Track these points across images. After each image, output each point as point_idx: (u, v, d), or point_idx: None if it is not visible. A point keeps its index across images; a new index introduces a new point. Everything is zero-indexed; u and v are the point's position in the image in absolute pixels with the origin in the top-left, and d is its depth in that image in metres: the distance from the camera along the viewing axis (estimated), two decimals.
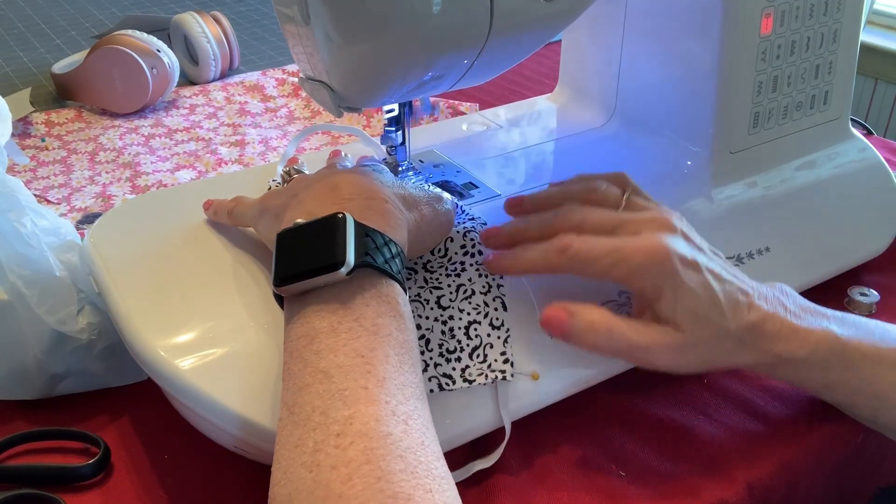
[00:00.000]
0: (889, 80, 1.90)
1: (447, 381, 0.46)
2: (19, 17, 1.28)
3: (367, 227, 0.40)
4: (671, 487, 0.47)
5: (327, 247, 0.39)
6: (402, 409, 0.35)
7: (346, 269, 0.38)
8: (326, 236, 0.39)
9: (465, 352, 0.47)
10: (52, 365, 0.51)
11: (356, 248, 0.39)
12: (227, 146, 0.88)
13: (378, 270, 0.40)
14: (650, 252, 0.45)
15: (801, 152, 0.64)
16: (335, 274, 0.38)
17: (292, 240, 0.40)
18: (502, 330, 0.48)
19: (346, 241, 0.39)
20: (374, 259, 0.39)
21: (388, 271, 0.40)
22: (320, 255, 0.39)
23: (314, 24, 0.44)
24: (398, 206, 0.44)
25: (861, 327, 0.48)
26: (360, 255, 0.39)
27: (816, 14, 0.60)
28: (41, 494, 0.46)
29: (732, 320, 0.45)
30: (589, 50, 0.67)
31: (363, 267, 0.39)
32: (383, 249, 0.40)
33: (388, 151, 0.59)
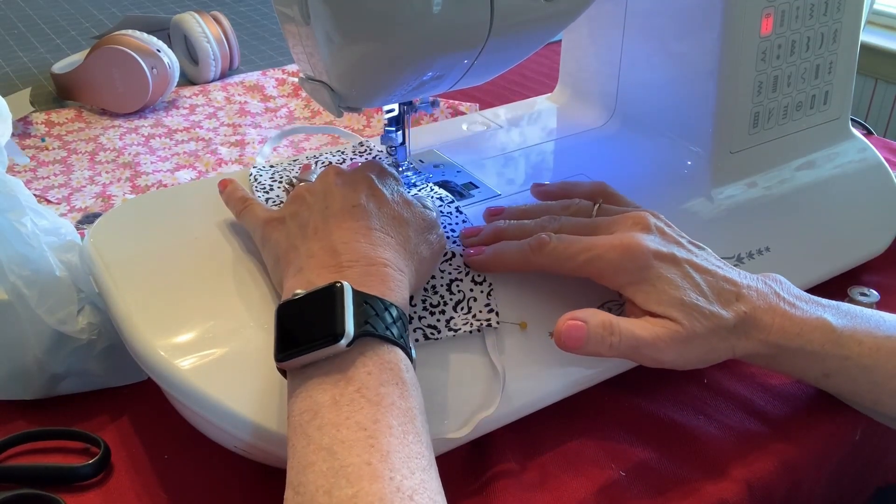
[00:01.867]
0: (889, 80, 1.90)
1: (432, 331, 0.47)
2: (19, 17, 1.28)
3: (365, 294, 0.40)
4: (671, 487, 0.47)
5: (326, 318, 0.38)
6: (406, 484, 0.34)
7: (346, 340, 0.38)
8: (325, 307, 0.39)
9: (449, 305, 0.48)
10: (52, 365, 0.51)
11: (355, 317, 0.38)
12: (227, 146, 0.88)
13: (379, 338, 0.39)
14: (623, 248, 0.46)
15: (801, 152, 0.64)
16: (336, 346, 0.38)
17: (292, 313, 0.40)
18: (485, 284, 0.49)
19: (344, 311, 0.38)
20: (375, 327, 0.39)
21: (390, 337, 0.39)
22: (320, 327, 0.38)
23: (314, 24, 0.44)
24: (398, 265, 0.43)
25: (857, 316, 0.49)
26: (360, 325, 0.38)
27: (816, 14, 0.60)
28: (41, 494, 0.46)
29: (724, 310, 0.46)
30: (589, 50, 0.67)
31: (364, 336, 0.39)
32: (384, 315, 0.40)
33: (388, 151, 0.59)
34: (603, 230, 0.49)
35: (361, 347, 0.39)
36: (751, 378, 0.55)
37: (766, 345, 0.47)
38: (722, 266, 0.49)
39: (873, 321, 0.48)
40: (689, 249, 0.49)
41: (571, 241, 0.47)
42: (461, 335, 0.47)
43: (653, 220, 0.49)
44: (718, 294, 0.47)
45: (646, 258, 0.46)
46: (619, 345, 0.44)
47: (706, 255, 0.49)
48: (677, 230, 0.50)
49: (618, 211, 0.51)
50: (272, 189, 0.57)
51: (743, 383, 0.55)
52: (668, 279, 0.46)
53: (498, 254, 0.49)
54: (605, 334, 0.44)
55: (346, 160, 0.62)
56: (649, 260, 0.46)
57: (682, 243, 0.49)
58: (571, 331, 0.44)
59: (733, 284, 0.47)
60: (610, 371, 0.51)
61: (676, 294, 0.45)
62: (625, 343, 0.44)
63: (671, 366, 0.46)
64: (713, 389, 0.54)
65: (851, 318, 0.48)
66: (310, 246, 0.44)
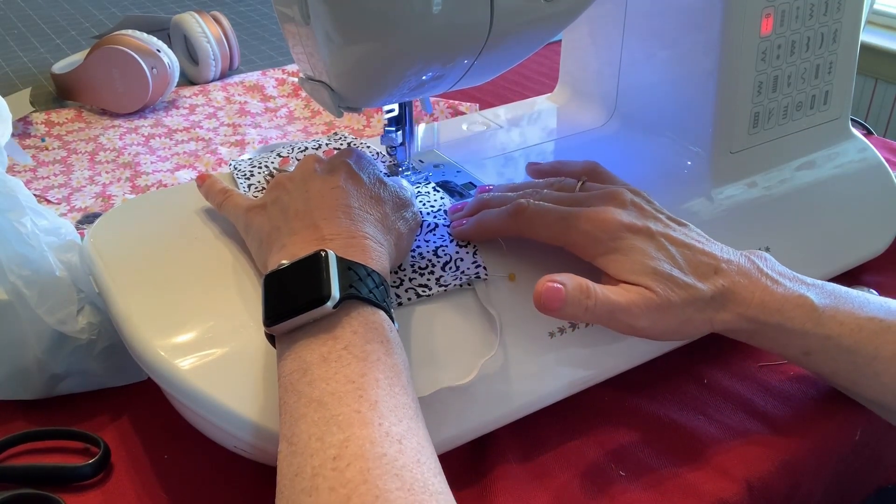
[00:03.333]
0: (889, 80, 1.90)
1: (423, 289, 0.48)
2: (19, 17, 1.28)
3: (349, 261, 0.41)
4: (671, 487, 0.47)
5: (313, 283, 0.40)
6: (395, 430, 0.36)
7: (333, 302, 0.39)
8: (311, 273, 0.40)
9: (437, 266, 0.50)
10: (52, 365, 0.51)
11: (340, 281, 0.40)
12: (227, 146, 0.88)
13: (363, 300, 0.41)
14: (595, 220, 0.48)
15: (801, 152, 0.64)
16: (322, 308, 0.39)
17: (279, 281, 0.41)
18: (469, 246, 0.51)
19: (330, 275, 0.40)
20: (359, 290, 0.40)
21: (373, 300, 0.41)
22: (307, 291, 0.40)
23: (314, 24, 0.44)
24: (378, 238, 0.45)
25: (840, 297, 0.49)
26: (345, 288, 0.40)
27: (816, 14, 0.60)
28: (41, 494, 0.46)
29: (701, 282, 0.47)
30: (589, 50, 0.67)
31: (349, 299, 0.40)
32: (366, 280, 0.41)
33: (388, 151, 0.59)
34: (581, 204, 0.50)
35: (347, 309, 0.40)
36: (751, 378, 0.55)
37: (744, 319, 0.47)
38: (703, 241, 0.49)
39: (857, 302, 0.49)
40: (667, 224, 0.50)
41: (548, 208, 0.49)
42: (452, 290, 0.49)
43: (630, 195, 0.50)
44: (695, 267, 0.47)
45: (617, 229, 0.47)
46: (595, 308, 0.45)
47: (687, 230, 0.50)
48: (658, 207, 0.51)
49: (601, 188, 0.53)
50: (253, 175, 0.58)
51: (743, 383, 0.55)
52: (641, 249, 0.47)
53: (479, 221, 0.51)
54: (582, 297, 0.44)
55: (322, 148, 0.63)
56: (621, 231, 0.47)
57: (659, 218, 0.50)
58: (551, 293, 0.44)
59: (712, 258, 0.48)
60: (610, 371, 0.51)
61: (649, 263, 0.47)
62: (600, 307, 0.45)
63: (648, 334, 0.47)
64: (713, 389, 0.54)
65: (835, 298, 0.49)
66: (292, 225, 0.45)
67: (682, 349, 0.55)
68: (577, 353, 0.50)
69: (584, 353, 0.50)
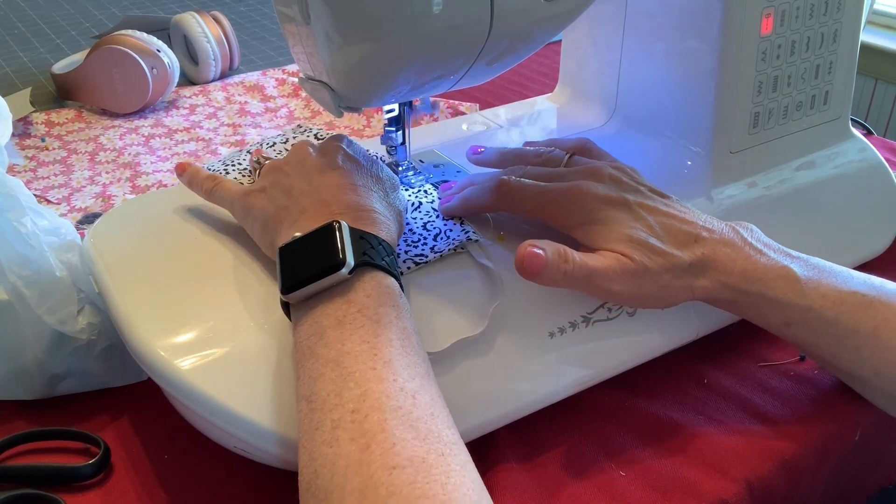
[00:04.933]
0: (889, 80, 1.90)
1: (420, 257, 0.50)
2: (19, 17, 1.28)
3: (361, 230, 0.43)
4: (671, 487, 0.47)
5: (328, 251, 0.41)
6: (409, 386, 0.38)
7: (348, 268, 0.41)
8: (326, 242, 0.42)
9: (428, 238, 0.52)
10: (52, 365, 0.51)
11: (354, 249, 0.42)
12: (227, 146, 0.88)
13: (376, 267, 0.42)
14: (571, 193, 0.49)
15: (801, 152, 0.64)
16: (338, 274, 0.41)
17: (294, 251, 0.43)
18: (455, 219, 0.54)
19: (344, 243, 0.41)
20: (372, 257, 0.42)
21: (385, 267, 0.43)
22: (322, 259, 0.41)
23: (314, 24, 0.44)
24: (384, 213, 0.46)
25: (824, 270, 0.49)
26: (359, 255, 0.42)
27: (816, 14, 0.60)
28: (41, 494, 0.46)
29: (678, 250, 0.48)
30: (589, 50, 0.67)
31: (362, 265, 0.42)
32: (378, 249, 0.43)
33: (388, 151, 0.59)
34: (562, 180, 0.51)
35: (360, 275, 0.42)
36: (751, 378, 0.55)
37: (726, 287, 0.48)
38: (685, 212, 0.50)
39: (840, 277, 0.49)
40: (647, 195, 0.51)
41: (528, 184, 0.51)
42: (447, 256, 0.51)
43: (610, 170, 0.51)
44: (674, 235, 0.48)
45: (593, 201, 0.49)
46: (573, 273, 0.46)
47: (669, 202, 0.51)
48: (640, 179, 0.52)
49: (587, 163, 0.54)
50: (228, 173, 0.59)
51: (743, 383, 0.55)
52: (617, 219, 0.48)
53: (465, 198, 0.53)
54: (560, 262, 0.46)
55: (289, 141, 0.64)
56: (596, 203, 0.49)
57: (639, 190, 0.51)
58: (531, 258, 0.45)
59: (692, 227, 0.49)
60: (610, 371, 0.51)
61: (625, 231, 0.48)
62: (578, 271, 0.46)
63: (627, 300, 0.48)
64: (713, 389, 0.54)
65: (819, 271, 0.49)
66: (300, 203, 0.46)
67: (682, 349, 0.55)
68: (577, 353, 0.50)
69: (584, 353, 0.50)
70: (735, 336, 0.58)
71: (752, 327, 0.58)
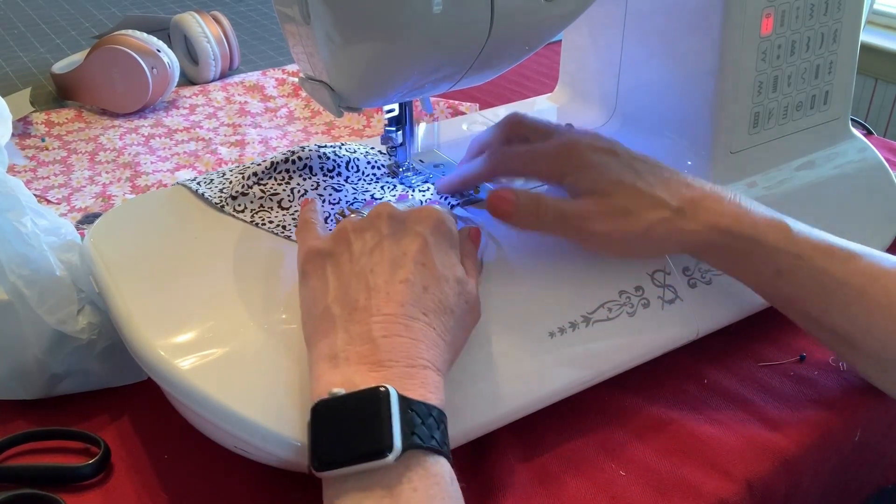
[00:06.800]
0: (889, 80, 1.90)
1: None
2: (19, 17, 1.28)
3: (410, 400, 0.38)
4: (671, 487, 0.47)
5: (372, 430, 0.36)
6: None
7: (394, 455, 0.36)
8: (370, 416, 0.37)
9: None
10: (52, 365, 0.51)
11: (402, 428, 0.36)
12: (227, 146, 0.88)
13: (425, 449, 0.37)
14: (560, 145, 0.51)
15: (801, 152, 0.64)
16: (382, 461, 0.36)
17: (331, 416, 0.38)
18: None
19: (391, 422, 0.36)
20: (421, 437, 0.37)
21: (435, 448, 0.38)
22: (365, 437, 0.36)
23: (314, 24, 0.44)
24: (437, 364, 0.41)
25: (815, 229, 0.51)
26: (407, 437, 0.36)
27: (816, 14, 0.60)
28: (41, 494, 0.46)
29: (667, 194, 0.49)
30: (589, 50, 0.67)
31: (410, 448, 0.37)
32: (428, 421, 0.38)
33: (388, 152, 0.59)
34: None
35: (406, 460, 0.37)
36: (751, 378, 0.55)
37: (716, 230, 0.48)
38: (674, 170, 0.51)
39: (833, 237, 0.50)
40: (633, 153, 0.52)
41: (517, 147, 0.53)
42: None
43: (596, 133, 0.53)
44: (663, 181, 0.50)
45: (581, 149, 0.50)
46: (546, 216, 0.48)
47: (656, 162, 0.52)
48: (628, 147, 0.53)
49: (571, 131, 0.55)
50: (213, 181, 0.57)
51: (743, 383, 0.55)
52: (605, 164, 0.49)
53: (461, 174, 0.55)
54: (532, 206, 0.48)
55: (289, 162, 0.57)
56: (585, 150, 0.50)
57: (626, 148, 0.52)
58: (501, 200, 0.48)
59: (680, 176, 0.50)
60: (610, 371, 0.51)
61: (613, 176, 0.49)
62: (551, 214, 0.48)
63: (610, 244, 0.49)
64: (713, 389, 0.54)
65: (810, 229, 0.50)
66: (348, 329, 0.41)
67: (682, 349, 0.55)
68: (577, 353, 0.50)
69: (584, 353, 0.50)
70: (735, 336, 0.58)
71: (752, 327, 0.58)
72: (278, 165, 0.56)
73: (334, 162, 0.57)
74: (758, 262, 0.49)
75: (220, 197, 0.55)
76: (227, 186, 0.56)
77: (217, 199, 0.55)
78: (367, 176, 0.59)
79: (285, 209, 0.54)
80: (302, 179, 0.56)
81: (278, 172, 0.56)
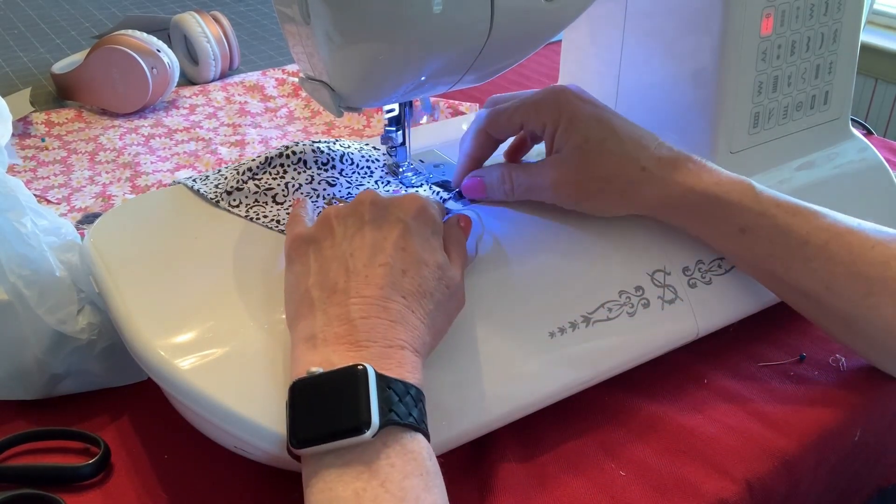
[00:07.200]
0: (889, 80, 1.90)
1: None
2: (19, 17, 1.28)
3: (388, 378, 0.38)
4: (671, 487, 0.47)
5: (350, 406, 0.37)
6: None
7: (372, 431, 0.36)
8: (348, 394, 0.37)
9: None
10: (52, 365, 0.51)
11: (380, 405, 0.37)
12: (227, 146, 0.88)
13: (402, 426, 0.38)
14: (548, 90, 0.53)
15: (801, 152, 0.64)
16: (360, 437, 0.36)
17: (309, 394, 0.38)
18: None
19: (369, 399, 0.37)
20: (398, 414, 0.37)
21: (412, 424, 0.38)
22: (342, 415, 0.37)
23: (314, 24, 0.44)
24: (415, 345, 0.41)
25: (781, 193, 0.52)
26: (384, 413, 0.37)
27: (816, 14, 0.60)
28: (41, 494, 0.46)
29: (634, 150, 0.50)
30: (589, 50, 0.67)
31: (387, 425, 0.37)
32: (406, 399, 0.38)
33: (388, 152, 0.59)
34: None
35: (384, 437, 0.37)
36: (751, 378, 0.55)
37: (682, 188, 0.50)
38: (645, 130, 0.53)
39: (795, 199, 0.51)
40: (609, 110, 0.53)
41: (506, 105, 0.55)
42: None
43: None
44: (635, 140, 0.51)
45: (567, 95, 0.52)
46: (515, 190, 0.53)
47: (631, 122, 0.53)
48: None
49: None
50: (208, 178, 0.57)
51: (743, 383, 0.55)
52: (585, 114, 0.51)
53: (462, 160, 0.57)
54: (499, 184, 0.53)
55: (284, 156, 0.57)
56: (570, 96, 0.52)
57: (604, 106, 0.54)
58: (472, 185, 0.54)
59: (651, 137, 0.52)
60: (610, 371, 0.51)
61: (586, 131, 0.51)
62: (519, 187, 0.53)
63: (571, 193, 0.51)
64: (713, 389, 0.54)
65: (776, 192, 0.51)
66: (326, 310, 0.42)
67: (682, 349, 0.55)
68: (577, 353, 0.50)
69: (584, 353, 0.50)
70: (735, 336, 0.58)
71: (752, 327, 0.58)
72: (273, 160, 0.57)
73: (328, 156, 0.58)
74: (722, 221, 0.50)
75: (216, 192, 0.55)
76: (223, 182, 0.56)
77: (212, 195, 0.55)
78: (361, 169, 0.59)
79: (280, 204, 0.55)
80: (296, 173, 0.56)
81: (273, 167, 0.56)
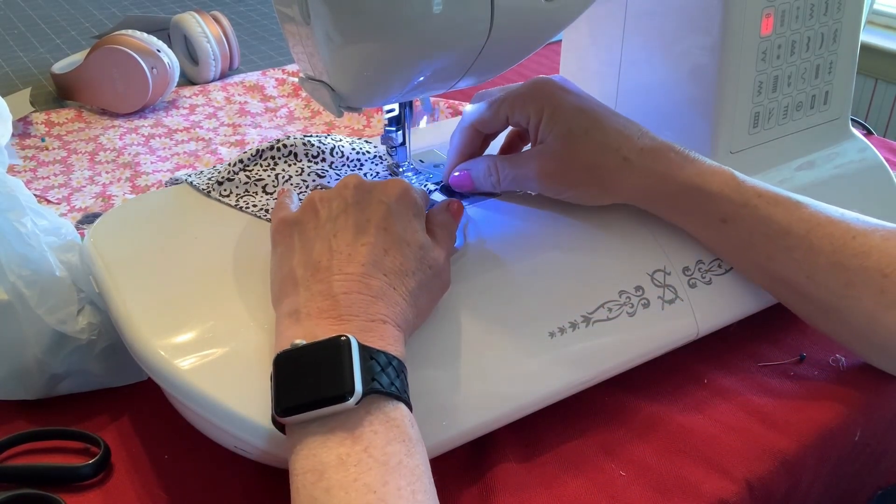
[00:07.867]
0: (889, 80, 1.90)
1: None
2: (19, 17, 1.28)
3: (370, 349, 0.39)
4: (671, 487, 0.47)
5: (333, 375, 0.37)
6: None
7: (355, 398, 0.37)
8: (331, 363, 0.38)
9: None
10: (52, 365, 0.51)
11: (363, 374, 0.38)
12: (227, 146, 0.88)
13: (384, 394, 0.38)
14: (531, 82, 0.54)
15: (801, 152, 0.64)
16: (344, 405, 0.37)
17: (293, 365, 0.39)
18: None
19: (352, 368, 0.37)
20: (381, 383, 0.38)
21: (394, 393, 0.39)
22: (326, 383, 0.37)
23: (314, 24, 0.44)
24: (396, 320, 0.42)
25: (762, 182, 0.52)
26: (367, 382, 0.38)
27: (816, 14, 0.60)
28: (41, 494, 0.46)
29: (617, 140, 0.51)
30: (589, 50, 0.67)
31: (370, 393, 0.38)
32: (388, 370, 0.39)
33: (388, 152, 0.59)
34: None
35: (367, 405, 0.38)
36: (751, 378, 0.55)
37: (663, 178, 0.50)
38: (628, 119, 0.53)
39: (777, 188, 0.52)
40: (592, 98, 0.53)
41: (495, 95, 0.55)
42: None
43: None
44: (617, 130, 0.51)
45: (551, 87, 0.53)
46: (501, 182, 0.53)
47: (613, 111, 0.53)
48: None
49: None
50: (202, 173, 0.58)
51: (743, 383, 0.55)
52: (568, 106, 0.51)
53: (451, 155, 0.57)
54: (486, 176, 0.53)
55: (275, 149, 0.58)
56: (554, 89, 0.52)
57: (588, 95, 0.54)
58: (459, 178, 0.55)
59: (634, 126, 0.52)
60: (610, 371, 0.51)
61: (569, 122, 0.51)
62: (505, 179, 0.53)
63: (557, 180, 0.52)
64: (713, 389, 0.54)
65: (758, 182, 0.52)
66: (310, 287, 0.42)
67: (682, 349, 0.55)
68: (577, 353, 0.50)
69: (584, 353, 0.50)
70: (735, 336, 0.58)
71: (752, 327, 0.58)
72: (264, 153, 0.58)
73: (319, 148, 0.59)
74: (704, 210, 0.51)
75: (207, 183, 0.56)
76: (215, 174, 0.57)
77: (204, 186, 0.56)
78: (351, 161, 0.59)
79: (269, 194, 0.56)
80: (287, 165, 0.57)
81: (264, 159, 0.58)
